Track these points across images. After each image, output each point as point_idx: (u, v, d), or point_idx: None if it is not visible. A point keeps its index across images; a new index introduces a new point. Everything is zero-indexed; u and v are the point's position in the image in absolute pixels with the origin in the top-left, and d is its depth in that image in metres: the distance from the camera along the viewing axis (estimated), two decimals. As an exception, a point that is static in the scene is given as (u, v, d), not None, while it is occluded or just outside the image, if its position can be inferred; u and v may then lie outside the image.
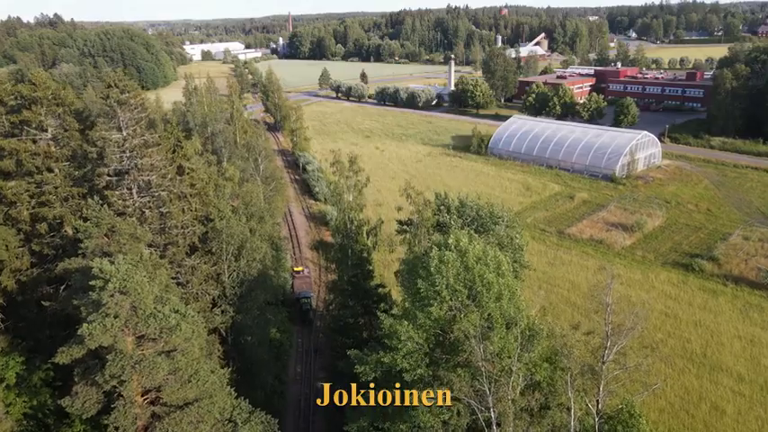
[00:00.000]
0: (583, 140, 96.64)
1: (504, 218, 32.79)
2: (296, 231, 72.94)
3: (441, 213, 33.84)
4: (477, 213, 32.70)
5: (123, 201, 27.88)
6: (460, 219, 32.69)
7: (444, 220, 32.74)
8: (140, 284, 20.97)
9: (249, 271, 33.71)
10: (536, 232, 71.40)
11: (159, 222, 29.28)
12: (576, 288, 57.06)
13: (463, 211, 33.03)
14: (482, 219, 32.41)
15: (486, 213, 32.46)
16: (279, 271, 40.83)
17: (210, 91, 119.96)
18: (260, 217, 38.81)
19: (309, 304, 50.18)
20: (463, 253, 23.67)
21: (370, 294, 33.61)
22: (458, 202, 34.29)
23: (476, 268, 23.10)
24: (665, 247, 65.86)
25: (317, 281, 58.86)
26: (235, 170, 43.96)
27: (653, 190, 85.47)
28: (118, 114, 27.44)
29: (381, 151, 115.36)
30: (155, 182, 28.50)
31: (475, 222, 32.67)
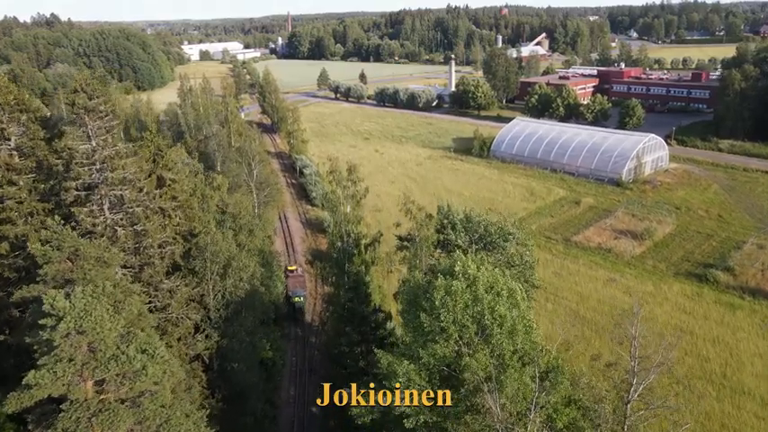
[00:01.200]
0: (588, 143, 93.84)
1: (514, 235, 29.96)
2: (291, 239, 70.10)
3: (445, 230, 31.03)
4: (485, 229, 29.90)
5: (92, 218, 25.06)
6: (467, 235, 29.92)
7: (450, 238, 29.96)
8: (100, 322, 18.14)
9: (236, 291, 30.93)
10: (541, 240, 68.53)
11: (134, 241, 26.48)
12: (585, 301, 54.24)
13: (470, 227, 30.23)
14: (491, 236, 29.61)
15: (496, 230, 29.65)
16: (271, 287, 38.06)
17: (206, 92, 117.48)
18: (249, 230, 36.04)
19: (302, 303, 49.63)
20: (472, 281, 20.85)
21: (367, 320, 30.88)
22: (463, 217, 31.45)
23: (486, 299, 20.27)
24: (677, 256, 63.04)
25: (313, 292, 56.02)
26: (223, 179, 41.10)
27: (661, 195, 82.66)
28: (86, 122, 24.61)
29: (381, 154, 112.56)
30: (128, 197, 25.69)
31: (483, 240, 29.89)
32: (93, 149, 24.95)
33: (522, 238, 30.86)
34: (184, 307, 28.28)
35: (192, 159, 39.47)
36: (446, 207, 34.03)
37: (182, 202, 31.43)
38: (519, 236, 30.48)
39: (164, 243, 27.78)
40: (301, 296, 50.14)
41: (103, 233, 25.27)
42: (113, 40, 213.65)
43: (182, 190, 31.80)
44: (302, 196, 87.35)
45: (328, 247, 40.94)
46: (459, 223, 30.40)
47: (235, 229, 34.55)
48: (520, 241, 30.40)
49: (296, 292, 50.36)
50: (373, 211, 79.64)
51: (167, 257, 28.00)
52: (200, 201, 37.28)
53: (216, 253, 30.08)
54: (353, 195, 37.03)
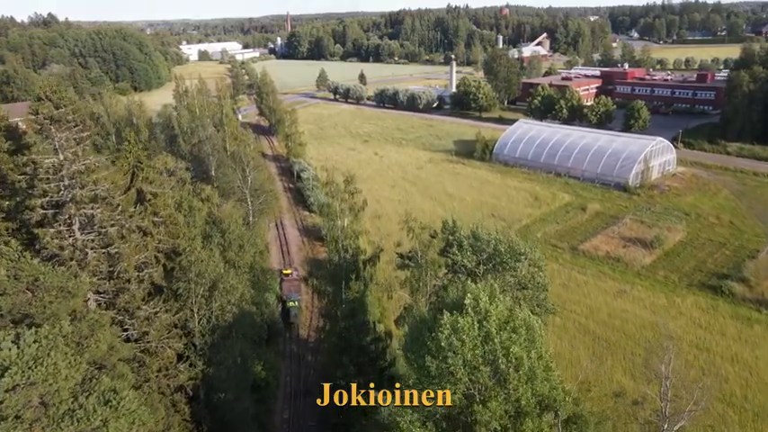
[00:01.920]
0: (593, 147, 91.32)
1: (527, 254, 27.45)
2: (288, 247, 67.55)
3: (451, 249, 28.49)
4: (494, 249, 27.38)
5: (60, 240, 22.54)
6: (474, 255, 27.42)
7: (456, 258, 27.44)
8: (54, 371, 15.59)
9: (223, 315, 28.42)
10: (547, 248, 65.94)
11: (107, 265, 23.96)
12: (595, 314, 51.65)
13: (478, 247, 27.72)
14: (500, 255, 27.11)
15: (506, 249, 27.14)
16: (263, 306, 35.54)
17: (202, 93, 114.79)
18: (239, 245, 33.54)
19: (297, 308, 48.95)
20: (483, 316, 18.30)
21: (365, 351, 28.41)
22: (470, 235, 28.88)
23: (500, 339, 17.73)
24: (689, 266, 60.48)
25: (309, 305, 53.43)
26: (212, 190, 38.53)
27: (670, 200, 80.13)
28: (52, 134, 22.08)
29: (380, 157, 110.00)
30: (99, 216, 23.16)
31: (492, 260, 27.39)
32: (61, 163, 22.43)
33: (535, 259, 28.34)
34: (165, 335, 25.75)
35: (181, 168, 36.85)
36: (451, 222, 31.54)
37: (164, 217, 28.90)
38: (531, 255, 27.96)
39: (142, 265, 25.24)
40: (296, 300, 49.25)
41: (72, 257, 22.76)
42: (110, 40, 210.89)
43: (165, 204, 29.28)
44: (300, 201, 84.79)
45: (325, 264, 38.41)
46: (465, 242, 27.88)
47: (223, 245, 32.03)
48: (532, 262, 27.91)
49: (291, 297, 49.46)
50: (373, 217, 77.02)
51: (146, 281, 25.47)
52: (186, 214, 34.74)
53: (201, 274, 27.57)
54: (351, 208, 34.51)
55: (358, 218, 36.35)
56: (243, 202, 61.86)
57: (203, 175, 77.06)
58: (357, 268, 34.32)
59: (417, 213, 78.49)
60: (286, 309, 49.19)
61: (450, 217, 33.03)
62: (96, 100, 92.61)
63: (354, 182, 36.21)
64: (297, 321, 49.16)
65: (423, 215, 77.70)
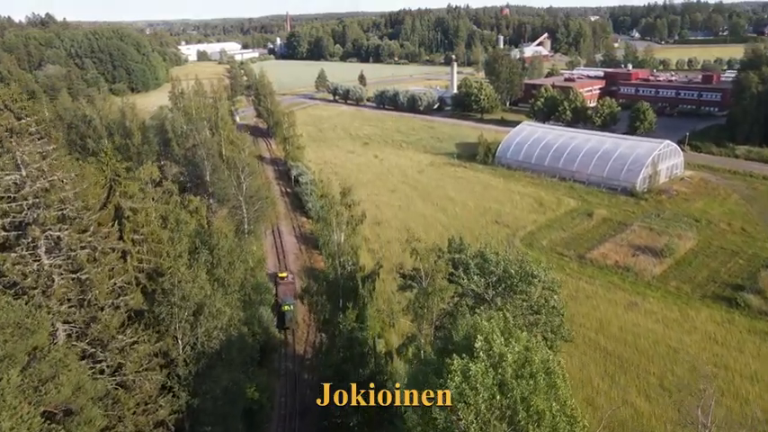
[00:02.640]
0: (599, 150, 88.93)
1: (540, 277, 25.09)
2: (285, 256, 65.24)
3: (457, 271, 26.09)
4: (504, 271, 25.04)
5: (22, 266, 20.20)
6: (483, 278, 25.07)
7: (462, 282, 25.06)
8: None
9: (209, 342, 26.06)
10: (553, 257, 63.64)
11: (77, 292, 21.62)
12: (605, 329, 49.26)
13: (486, 269, 25.38)
14: (511, 278, 24.78)
15: (517, 271, 24.78)
16: (254, 325, 33.20)
17: (199, 95, 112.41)
18: (230, 262, 31.19)
19: (292, 312, 48.59)
20: (497, 361, 15.92)
21: (364, 386, 26.11)
22: (477, 256, 26.45)
23: (517, 388, 15.35)
24: (702, 276, 58.08)
25: (306, 318, 51.07)
26: (201, 202, 36.13)
27: (678, 206, 77.73)
28: (13, 148, 19.73)
29: (380, 160, 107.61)
30: (67, 239, 20.83)
31: (502, 283, 25.05)
32: (23, 180, 20.09)
33: (549, 281, 25.94)
34: (143, 366, 23.40)
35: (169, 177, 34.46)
36: (458, 240, 29.14)
37: (145, 234, 26.55)
38: (544, 278, 25.57)
39: (118, 290, 22.89)
40: (291, 304, 48.85)
41: (36, 285, 20.43)
42: (106, 40, 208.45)
43: (146, 220, 26.93)
44: (297, 207, 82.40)
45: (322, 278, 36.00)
46: (472, 263, 25.52)
47: (212, 263, 29.71)
48: (546, 284, 25.52)
49: (286, 300, 49.30)
50: (372, 224, 74.66)
51: (123, 307, 23.13)
52: (173, 228, 32.36)
53: (185, 297, 25.22)
54: (348, 222, 32.18)
55: (356, 232, 34.00)
56: (238, 210, 59.56)
57: (198, 181, 74.95)
58: (355, 285, 32.01)
59: (418, 219, 76.48)
60: (281, 313, 48.85)
61: (458, 236, 30.63)
62: (90, 102, 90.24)
63: (351, 193, 33.82)
64: (292, 326, 48.82)
65: (424, 221, 75.55)
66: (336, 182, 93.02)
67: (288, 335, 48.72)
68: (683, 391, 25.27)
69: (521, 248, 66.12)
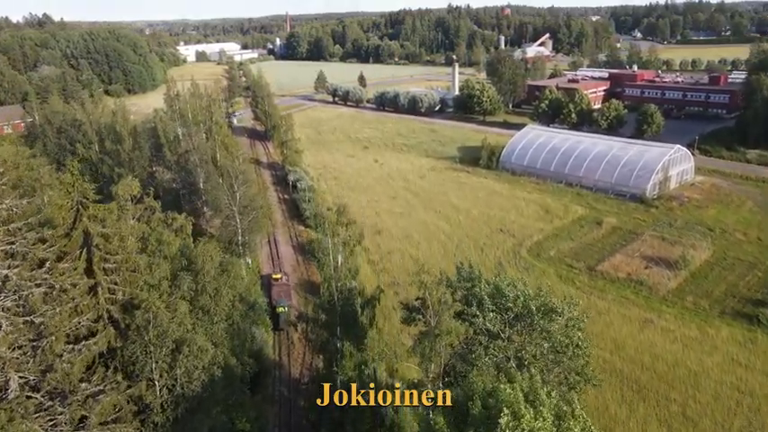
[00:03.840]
0: (607, 155, 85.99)
1: (564, 314, 22.13)
2: (281, 267, 62.27)
3: (469, 307, 23.15)
4: (522, 307, 22.09)
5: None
6: (498, 314, 22.17)
7: (475, 321, 22.09)
8: None
9: (190, 384, 23.17)
10: (562, 269, 60.77)
11: (30, 337, 18.75)
12: (620, 350, 46.29)
13: (502, 304, 22.44)
14: (531, 315, 21.86)
15: (538, 306, 21.81)
16: (244, 354, 30.30)
17: (196, 97, 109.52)
18: (215, 289, 28.29)
19: (286, 314, 48.99)
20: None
21: None
22: (491, 288, 23.46)
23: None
24: (719, 291, 55.13)
25: (302, 337, 48.16)
26: (186, 220, 33.20)
27: (690, 214, 74.79)
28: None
29: (381, 165, 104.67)
30: (16, 277, 17.97)
31: (520, 321, 22.16)
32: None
33: (574, 319, 22.96)
34: (112, 416, 20.51)
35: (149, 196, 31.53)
36: (467, 266, 26.19)
37: (119, 262, 23.68)
38: (568, 314, 22.62)
39: (83, 329, 20.00)
40: (285, 306, 49.31)
41: (-20, 331, 17.59)
42: (102, 41, 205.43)
43: (120, 246, 24.06)
44: (295, 215, 79.44)
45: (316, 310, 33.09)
46: (486, 297, 22.58)
47: (196, 289, 26.85)
48: (570, 322, 22.57)
49: (280, 302, 49.66)
50: (373, 233, 71.91)
51: (86, 351, 20.26)
52: (154, 250, 29.48)
53: (162, 334, 22.35)
54: (346, 243, 29.36)
55: (354, 253, 31.18)
56: (231, 220, 56.65)
57: (191, 188, 72.07)
58: (354, 311, 29.19)
59: (420, 228, 73.55)
60: (276, 314, 49.01)
61: (467, 261, 27.70)
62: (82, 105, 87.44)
63: (347, 212, 30.96)
64: (286, 327, 49.06)
65: (426, 230, 72.64)
66: (336, 186, 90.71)
67: (283, 356, 45.91)
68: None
69: (528, 259, 63.40)
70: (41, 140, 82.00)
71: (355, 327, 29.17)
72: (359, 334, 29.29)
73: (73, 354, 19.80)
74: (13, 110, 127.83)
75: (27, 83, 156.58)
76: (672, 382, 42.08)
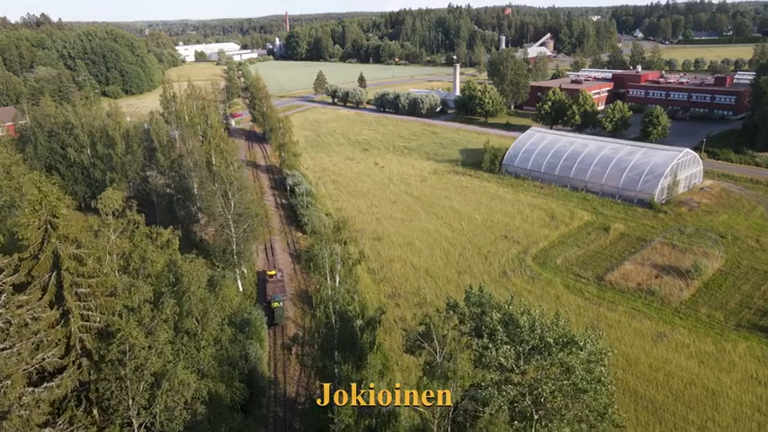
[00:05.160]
0: (613, 158, 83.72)
1: (586, 347, 19.79)
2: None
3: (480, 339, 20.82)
4: (540, 339, 19.77)
5: None
6: (512, 347, 19.87)
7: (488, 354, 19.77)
8: None
9: (170, 423, 20.92)
10: (570, 278, 58.50)
11: (-15, 380, 16.55)
12: (633, 366, 44.03)
13: (517, 335, 20.09)
14: (549, 348, 19.57)
15: (556, 338, 19.46)
16: (234, 378, 28.03)
17: (192, 98, 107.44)
18: (202, 312, 26.04)
19: (281, 309, 50.04)
20: None
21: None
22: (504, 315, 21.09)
23: None
24: (734, 302, 52.88)
25: (299, 353, 45.91)
26: (173, 234, 30.96)
27: (700, 219, 72.53)
28: None
29: (381, 168, 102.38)
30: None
31: (537, 354, 19.88)
32: None
33: (596, 351, 20.61)
34: (82, 463, 18.30)
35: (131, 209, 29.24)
36: (476, 290, 23.81)
37: (93, 286, 21.45)
38: (591, 347, 20.29)
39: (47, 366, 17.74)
40: (281, 301, 50.24)
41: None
42: (99, 41, 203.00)
43: (94, 269, 21.83)
44: (293, 220, 77.16)
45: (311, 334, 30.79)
46: (499, 328, 20.27)
47: (179, 314, 24.62)
48: (593, 357, 20.24)
49: (275, 297, 50.60)
50: (372, 239, 69.77)
51: (48, 392, 17.99)
52: (136, 269, 27.23)
53: (140, 367, 20.11)
54: (344, 262, 27.12)
55: (352, 273, 28.97)
56: (225, 228, 54.44)
57: (186, 193, 69.85)
58: (353, 335, 26.98)
59: (422, 234, 71.28)
60: (271, 310, 50.02)
61: (477, 286, 25.34)
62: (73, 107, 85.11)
63: (347, 227, 28.72)
64: (281, 322, 50.06)
65: (428, 236, 70.36)
66: (335, 190, 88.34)
67: (278, 373, 43.68)
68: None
69: (533, 268, 61.15)
70: (32, 144, 79.75)
71: (354, 350, 26.95)
72: (358, 358, 27.07)
73: (35, 395, 17.63)
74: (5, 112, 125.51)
75: (22, 84, 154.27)
76: (689, 402, 39.85)
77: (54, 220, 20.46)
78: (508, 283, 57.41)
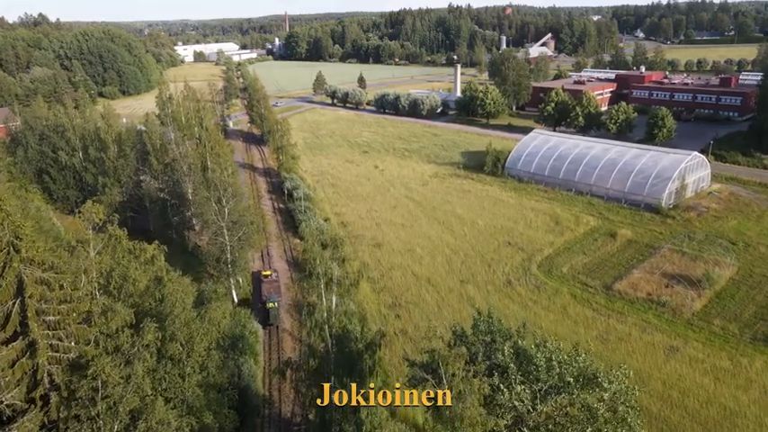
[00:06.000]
0: (619, 162, 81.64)
1: (609, 387, 17.65)
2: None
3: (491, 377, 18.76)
4: (558, 377, 17.70)
5: None
6: (528, 387, 17.81)
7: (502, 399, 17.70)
8: None
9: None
10: (577, 288, 56.42)
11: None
12: (646, 383, 41.80)
13: (532, 373, 17.95)
14: (569, 386, 17.50)
15: (576, 377, 17.35)
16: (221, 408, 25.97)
17: (189, 99, 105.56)
18: (188, 337, 23.97)
19: (276, 309, 50.06)
20: None
21: None
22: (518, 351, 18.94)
23: None
24: (748, 313, 50.80)
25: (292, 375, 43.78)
26: (158, 250, 28.87)
27: (709, 225, 70.46)
28: None
29: (381, 171, 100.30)
30: None
31: (555, 394, 17.84)
32: None
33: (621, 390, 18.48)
34: None
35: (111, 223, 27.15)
36: (485, 316, 21.66)
37: (64, 313, 19.40)
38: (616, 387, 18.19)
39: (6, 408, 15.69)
40: (275, 301, 50.16)
41: None
42: (96, 41, 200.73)
43: (65, 293, 19.77)
44: (291, 226, 75.04)
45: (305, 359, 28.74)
46: (512, 366, 18.16)
47: (160, 340, 22.56)
48: (620, 397, 18.17)
49: (270, 298, 50.40)
50: (372, 245, 67.70)
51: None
52: (116, 289, 25.15)
53: (113, 406, 18.05)
54: (341, 281, 25.06)
55: (350, 292, 26.92)
56: (219, 236, 52.35)
57: (180, 198, 67.82)
58: (352, 360, 24.96)
59: (423, 241, 69.14)
60: (266, 310, 49.81)
61: (486, 309, 23.24)
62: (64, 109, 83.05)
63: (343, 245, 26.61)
64: (277, 323, 50.10)
65: (429, 243, 68.24)
66: (333, 194, 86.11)
67: (273, 391, 41.60)
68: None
69: (539, 276, 59.06)
70: (23, 147, 77.69)
71: (353, 376, 24.91)
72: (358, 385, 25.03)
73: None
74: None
75: (17, 85, 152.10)
76: (706, 423, 37.78)
77: (17, 242, 18.42)
78: (513, 293, 55.41)
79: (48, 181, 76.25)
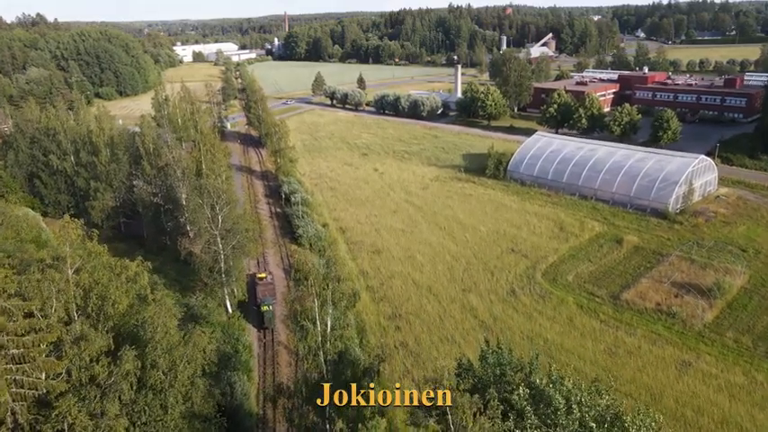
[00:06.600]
0: (624, 165, 79.68)
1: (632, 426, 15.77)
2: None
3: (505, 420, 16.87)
4: (579, 422, 15.81)
5: None
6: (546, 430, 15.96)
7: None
8: None
9: None
10: (583, 297, 54.52)
11: None
12: (658, 400, 39.97)
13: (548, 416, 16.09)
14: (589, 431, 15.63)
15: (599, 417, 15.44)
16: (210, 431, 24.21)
17: (186, 101, 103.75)
18: (170, 365, 22.06)
19: (271, 312, 49.74)
20: None
21: None
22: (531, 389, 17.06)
23: None
24: (762, 325, 48.88)
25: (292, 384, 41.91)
26: (141, 268, 26.95)
27: (718, 231, 68.52)
28: None
29: (380, 174, 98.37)
30: None
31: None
32: None
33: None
34: None
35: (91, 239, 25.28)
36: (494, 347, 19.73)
37: (28, 345, 17.53)
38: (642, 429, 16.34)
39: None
40: (270, 304, 49.86)
41: None
42: (93, 42, 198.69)
43: (30, 323, 17.89)
44: (288, 231, 73.13)
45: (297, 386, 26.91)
46: (528, 408, 16.25)
47: (143, 366, 20.68)
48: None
49: (265, 300, 50.30)
50: (371, 252, 65.84)
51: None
52: (95, 311, 23.23)
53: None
54: (336, 303, 23.24)
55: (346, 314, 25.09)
56: (212, 245, 50.44)
57: (174, 203, 65.88)
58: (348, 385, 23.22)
59: (424, 247, 67.22)
60: (261, 313, 49.69)
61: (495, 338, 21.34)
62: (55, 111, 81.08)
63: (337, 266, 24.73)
64: (271, 326, 49.75)
65: (430, 250, 66.33)
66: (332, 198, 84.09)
67: (267, 410, 39.68)
68: None
69: (543, 285, 57.16)
70: (14, 150, 75.78)
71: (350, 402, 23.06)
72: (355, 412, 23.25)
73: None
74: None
75: (12, 86, 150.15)
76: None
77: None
78: (517, 303, 53.53)
79: (39, 185, 74.38)
